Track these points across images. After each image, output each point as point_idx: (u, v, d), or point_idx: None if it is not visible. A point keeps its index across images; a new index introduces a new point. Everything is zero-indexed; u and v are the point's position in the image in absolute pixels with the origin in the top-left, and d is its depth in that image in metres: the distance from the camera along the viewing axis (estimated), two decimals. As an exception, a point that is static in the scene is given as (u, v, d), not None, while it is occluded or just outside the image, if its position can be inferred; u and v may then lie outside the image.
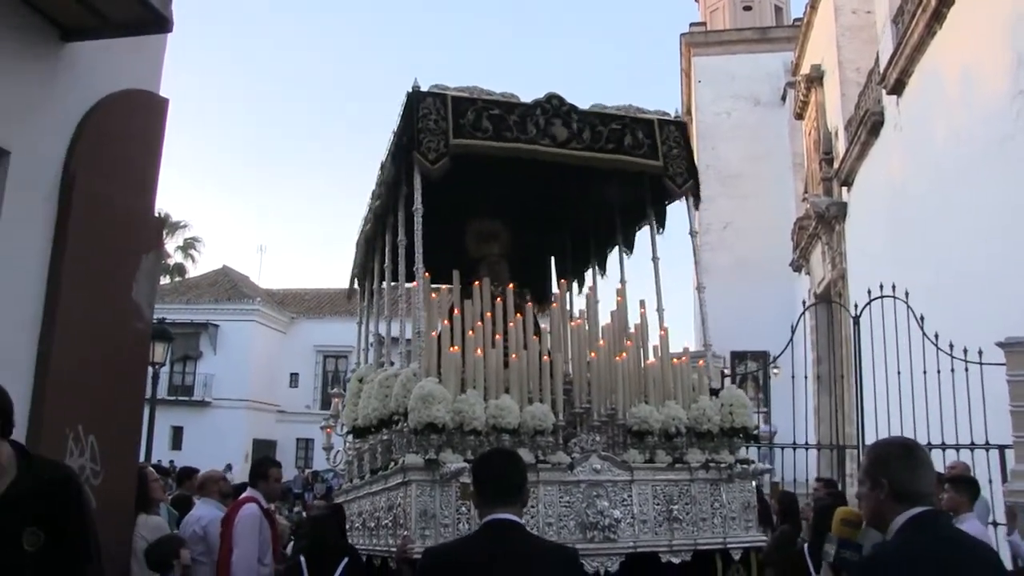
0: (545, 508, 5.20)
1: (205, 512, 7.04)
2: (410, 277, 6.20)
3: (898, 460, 2.97)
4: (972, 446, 9.97)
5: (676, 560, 5.46)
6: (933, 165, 14.52)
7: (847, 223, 21.16)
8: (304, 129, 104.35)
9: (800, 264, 26.71)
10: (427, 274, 5.96)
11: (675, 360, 6.27)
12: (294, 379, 40.98)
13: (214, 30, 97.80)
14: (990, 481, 9.11)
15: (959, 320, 11.38)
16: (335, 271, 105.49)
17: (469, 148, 5.95)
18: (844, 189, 21.26)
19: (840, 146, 21.63)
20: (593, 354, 6.02)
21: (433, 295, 6.35)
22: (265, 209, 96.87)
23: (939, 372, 10.35)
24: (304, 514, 17.66)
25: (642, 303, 6.62)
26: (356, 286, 9.04)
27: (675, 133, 6.64)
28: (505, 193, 7.36)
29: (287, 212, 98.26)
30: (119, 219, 5.94)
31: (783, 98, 30.29)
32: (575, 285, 8.63)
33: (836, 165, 21.74)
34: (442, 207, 6.13)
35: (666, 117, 6.69)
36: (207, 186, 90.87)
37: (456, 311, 5.93)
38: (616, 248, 7.88)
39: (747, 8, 34.42)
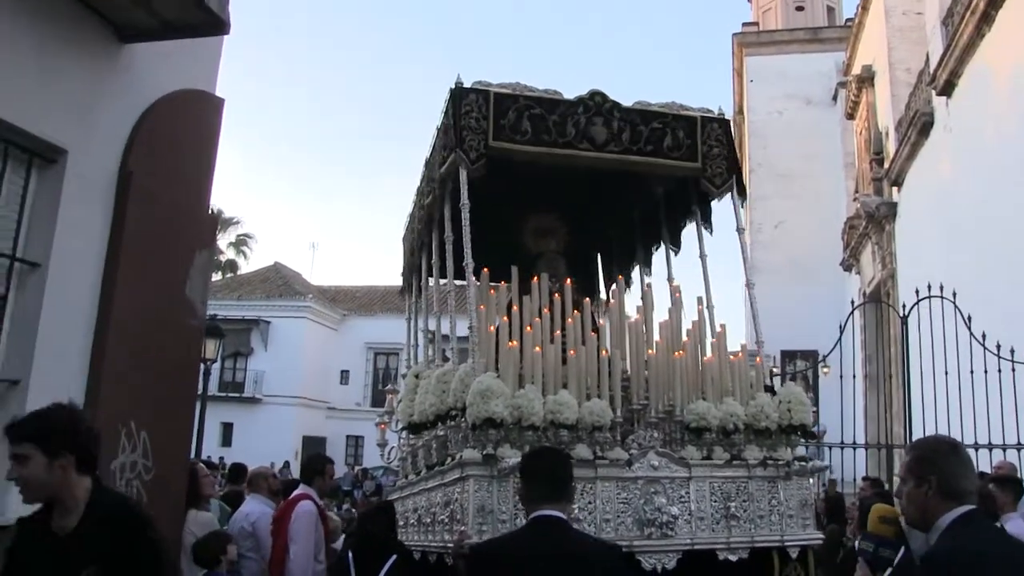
0: (603, 504, 5.16)
1: (254, 508, 7.10)
2: (459, 274, 6.22)
3: (945, 457, 2.98)
4: (1019, 446, 9.94)
5: (733, 558, 5.39)
6: (982, 166, 14.38)
7: (897, 223, 20.98)
8: (357, 126, 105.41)
9: (850, 264, 26.49)
10: (486, 269, 5.97)
11: (732, 357, 6.21)
12: (344, 376, 41.26)
13: (273, 26, 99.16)
14: (1036, 481, 9.07)
15: (1007, 320, 11.29)
16: (387, 268, 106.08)
17: (507, 152, 5.96)
18: (894, 189, 21.06)
19: (891, 146, 21.43)
20: (651, 351, 5.99)
21: (491, 291, 6.33)
22: (317, 206, 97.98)
23: (986, 372, 10.36)
24: (354, 511, 17.86)
25: (699, 300, 6.60)
26: (408, 283, 9.01)
27: (717, 131, 6.58)
28: (555, 189, 7.36)
29: (339, 209, 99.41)
30: (173, 216, 6.08)
31: (834, 98, 30.04)
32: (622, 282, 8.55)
33: (887, 165, 21.55)
34: (497, 203, 6.18)
35: (709, 114, 6.64)
36: (260, 183, 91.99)
37: (514, 307, 5.89)
38: (661, 245, 7.83)
39: (799, 8, 34.20)
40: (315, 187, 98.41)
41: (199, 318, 6.48)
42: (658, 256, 8.07)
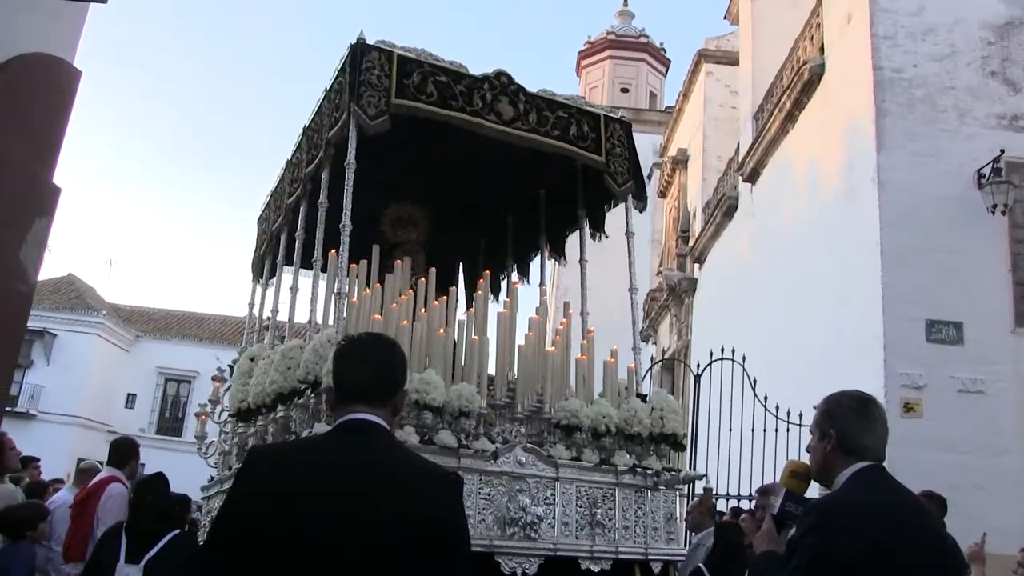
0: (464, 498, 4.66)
1: (64, 497, 6.83)
2: (327, 248, 5.83)
3: (849, 412, 2.88)
4: (788, 497, 10.87)
5: (596, 568, 5.15)
6: (777, 249, 15.75)
7: (696, 297, 22.35)
8: (167, 149, 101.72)
9: (648, 334, 27.75)
10: (333, 252, 5.60)
11: (608, 360, 5.99)
12: (131, 400, 39.19)
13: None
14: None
15: (788, 386, 12.32)
16: (186, 293, 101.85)
17: (412, 110, 5.63)
18: (696, 266, 22.46)
19: (697, 226, 22.87)
20: (521, 343, 5.75)
21: (353, 265, 5.94)
22: (118, 223, 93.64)
23: (765, 431, 11.39)
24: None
25: (567, 305, 6.54)
26: (260, 266, 8.35)
27: (620, 132, 6.48)
28: (427, 182, 7.11)
29: (141, 229, 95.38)
30: (18, 177, 5.96)
31: (649, 176, 31.69)
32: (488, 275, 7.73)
33: (691, 243, 22.95)
34: (360, 186, 5.77)
35: (612, 114, 6.57)
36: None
37: (376, 284, 5.66)
38: (537, 253, 7.76)
39: (624, 90, 36.24)
40: (117, 204, 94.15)
41: (30, 285, 6.31)
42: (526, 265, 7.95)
